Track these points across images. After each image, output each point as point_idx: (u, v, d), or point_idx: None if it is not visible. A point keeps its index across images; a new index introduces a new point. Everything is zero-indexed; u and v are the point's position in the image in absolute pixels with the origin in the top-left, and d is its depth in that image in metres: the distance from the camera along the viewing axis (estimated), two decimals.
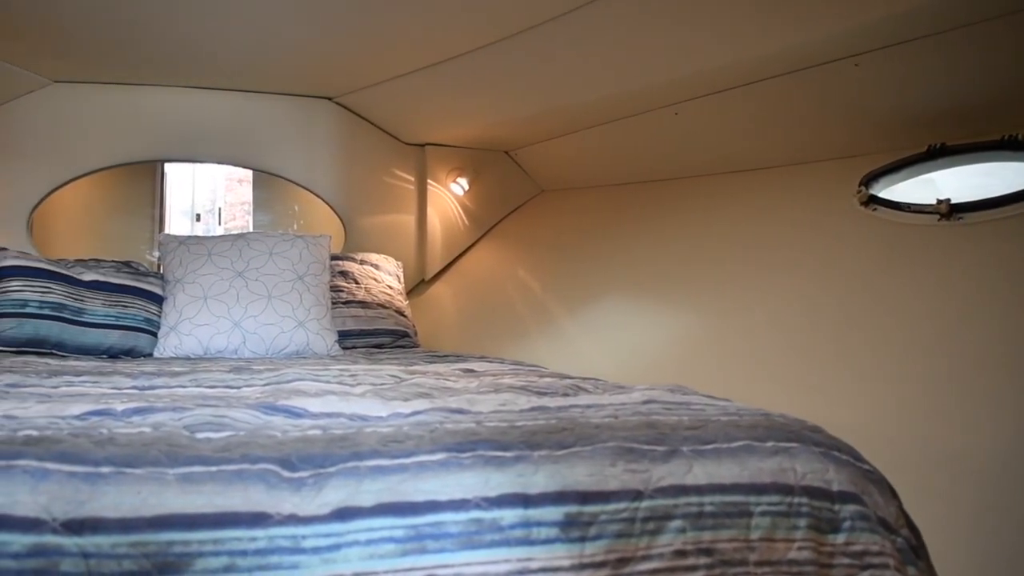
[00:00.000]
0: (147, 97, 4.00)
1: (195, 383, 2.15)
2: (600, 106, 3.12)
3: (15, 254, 3.10)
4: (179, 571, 1.11)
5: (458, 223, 4.27)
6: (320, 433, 1.40)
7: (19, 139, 3.93)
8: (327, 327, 3.12)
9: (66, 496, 1.13)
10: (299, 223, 4.74)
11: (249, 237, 3.30)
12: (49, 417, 1.50)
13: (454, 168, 4.20)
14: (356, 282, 3.71)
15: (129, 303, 3.09)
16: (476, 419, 1.52)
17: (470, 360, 2.79)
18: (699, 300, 2.88)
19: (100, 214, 4.75)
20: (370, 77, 3.63)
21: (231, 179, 7.43)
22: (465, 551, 1.22)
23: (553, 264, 3.72)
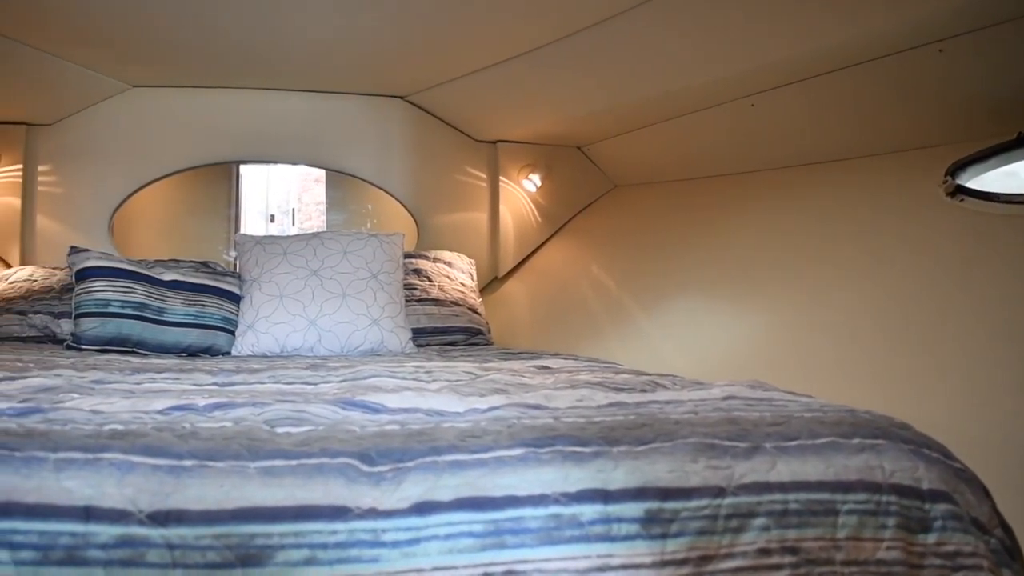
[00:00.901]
0: (223, 100, 4.07)
1: (273, 379, 2.18)
2: (674, 99, 3.08)
3: (98, 255, 3.17)
4: (261, 563, 1.12)
5: (531, 220, 4.26)
6: (398, 428, 1.41)
7: (100, 143, 4.03)
8: (401, 325, 3.13)
9: (151, 488, 1.15)
10: (372, 222, 4.77)
11: (323, 236, 3.33)
12: (133, 412, 1.52)
13: (526, 164, 4.18)
14: (429, 280, 3.73)
15: (207, 302, 3.14)
16: (553, 415, 1.51)
17: (544, 357, 2.78)
18: (778, 295, 2.82)
19: (178, 215, 4.85)
20: (442, 75, 3.64)
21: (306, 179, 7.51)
22: (544, 547, 1.21)
23: (627, 260, 3.68)
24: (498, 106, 3.84)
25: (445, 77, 3.65)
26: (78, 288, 3.09)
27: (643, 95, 3.13)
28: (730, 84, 2.81)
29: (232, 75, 3.86)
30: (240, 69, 3.75)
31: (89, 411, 1.52)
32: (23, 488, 1.14)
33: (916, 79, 2.44)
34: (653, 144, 3.63)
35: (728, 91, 2.87)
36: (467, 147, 4.24)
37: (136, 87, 4.01)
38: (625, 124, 3.60)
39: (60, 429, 1.32)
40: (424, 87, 3.88)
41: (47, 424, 1.36)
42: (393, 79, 3.86)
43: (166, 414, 1.52)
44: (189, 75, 3.87)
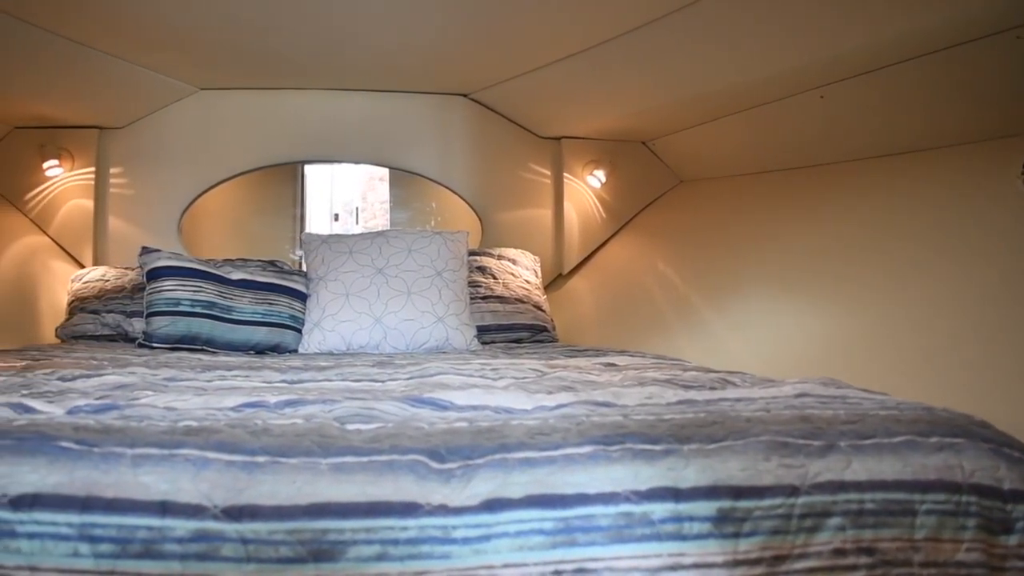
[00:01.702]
0: (288, 100, 4.12)
1: (341, 377, 2.20)
2: (741, 92, 3.03)
3: (168, 255, 3.22)
4: (333, 558, 1.14)
5: (595, 216, 4.23)
6: (467, 425, 1.41)
7: (169, 145, 4.11)
8: (466, 322, 3.14)
9: (225, 484, 1.17)
10: (436, 220, 4.79)
11: (388, 235, 3.35)
12: (206, 409, 1.55)
13: (590, 160, 4.15)
14: (494, 277, 3.73)
15: (275, 301, 3.17)
16: (622, 412, 1.50)
17: (610, 354, 2.77)
18: (848, 290, 2.76)
19: (245, 215, 4.92)
20: (505, 72, 3.63)
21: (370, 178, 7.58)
22: (615, 545, 1.20)
23: (694, 256, 3.64)
24: (562, 102, 3.82)
25: (508, 74, 3.64)
26: (149, 287, 3.14)
27: (709, 88, 3.09)
28: (799, 76, 2.76)
29: (297, 76, 3.90)
30: (305, 70, 3.79)
31: (163, 408, 1.55)
32: (102, 483, 1.17)
33: (994, 67, 2.37)
34: (719, 138, 3.58)
35: (797, 83, 2.82)
36: (531, 143, 4.22)
37: (204, 90, 4.08)
38: (691, 118, 3.56)
39: (136, 426, 1.35)
40: (487, 84, 3.88)
41: (124, 421, 1.39)
42: (456, 77, 3.87)
43: (238, 411, 1.55)
44: (255, 77, 3.92)
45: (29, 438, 1.24)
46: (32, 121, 3.94)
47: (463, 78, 3.87)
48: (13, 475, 1.18)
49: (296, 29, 3.10)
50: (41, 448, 1.22)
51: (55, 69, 3.31)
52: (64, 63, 3.25)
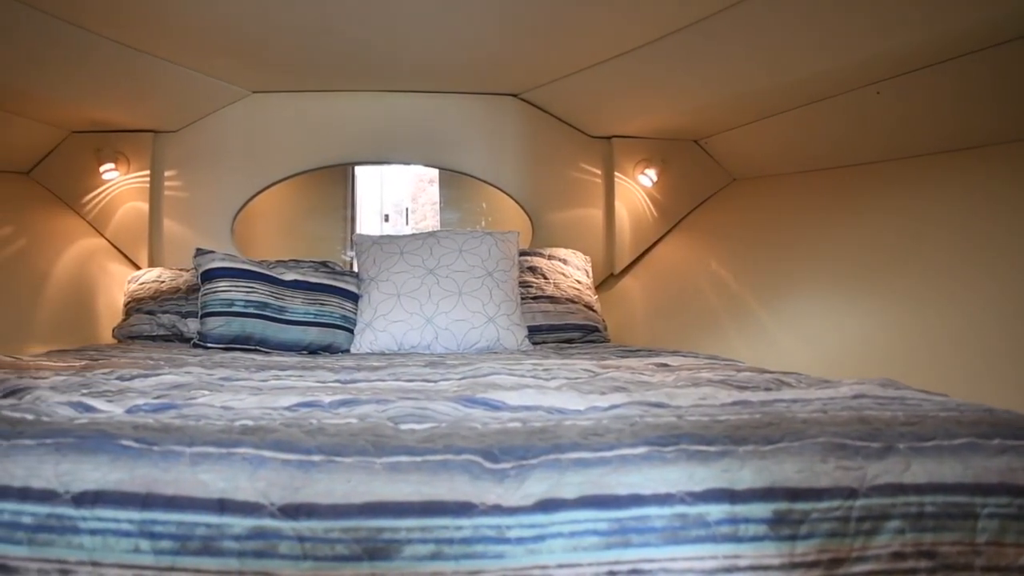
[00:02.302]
0: (339, 103, 4.15)
1: (394, 377, 2.21)
2: (795, 88, 2.99)
3: (222, 256, 3.26)
4: (388, 557, 1.14)
5: (647, 215, 4.20)
6: (520, 426, 1.41)
7: (222, 148, 4.16)
8: (517, 322, 3.14)
9: (282, 482, 1.19)
10: (487, 220, 4.80)
11: (439, 235, 3.36)
12: (262, 408, 1.57)
13: (642, 159, 4.12)
14: (545, 277, 3.73)
15: (327, 301, 3.20)
16: (676, 413, 1.49)
17: (663, 354, 2.75)
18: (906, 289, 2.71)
19: (296, 216, 4.96)
20: (555, 71, 3.63)
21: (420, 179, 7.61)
22: (670, 546, 1.20)
23: (747, 255, 3.60)
24: (613, 101, 3.80)
25: (559, 73, 3.63)
26: (204, 288, 3.19)
27: (762, 86, 3.05)
28: (854, 71, 2.71)
29: (347, 78, 3.93)
30: (355, 72, 3.81)
31: (220, 407, 1.57)
32: (162, 480, 1.19)
33: None
34: (773, 136, 3.53)
35: (852, 79, 2.78)
36: (581, 143, 4.21)
37: (256, 93, 4.12)
38: (743, 116, 3.52)
39: (194, 424, 1.37)
40: (537, 84, 3.87)
41: (182, 420, 1.41)
42: (506, 77, 3.87)
43: (293, 410, 1.56)
44: (306, 80, 3.96)
45: (91, 436, 1.27)
46: (89, 125, 4.02)
47: (513, 78, 3.87)
48: (75, 472, 1.20)
49: (347, 32, 3.12)
50: (102, 446, 1.24)
51: (111, 74, 3.36)
52: (119, 68, 3.31)
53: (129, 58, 3.22)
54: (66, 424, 1.35)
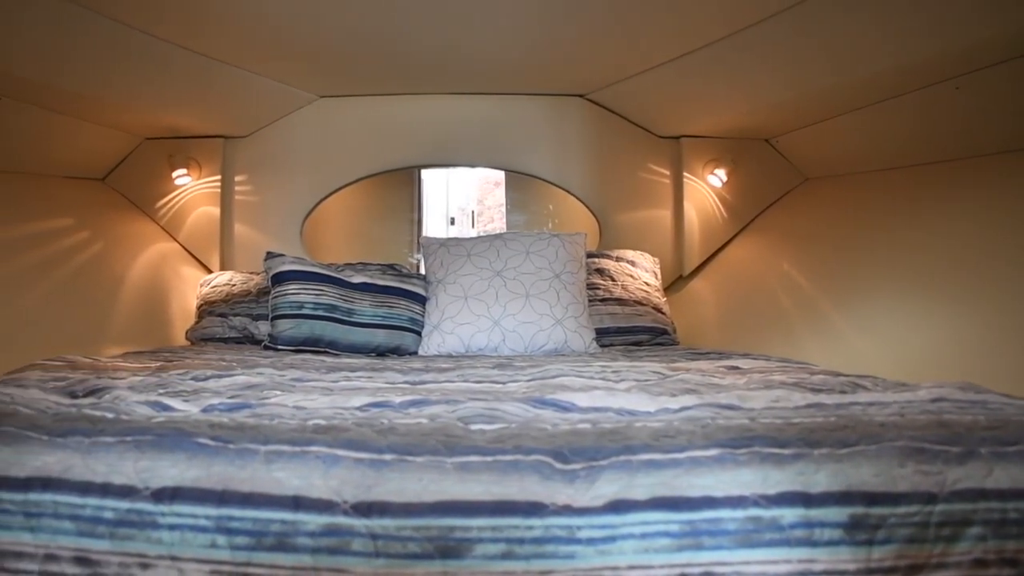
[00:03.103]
0: (405, 106, 4.19)
1: (462, 378, 2.22)
2: (869, 84, 2.92)
3: (292, 259, 3.30)
4: (460, 555, 1.15)
5: (716, 216, 4.15)
6: (590, 427, 1.40)
7: (291, 152, 4.22)
8: (584, 325, 3.12)
9: (354, 480, 1.20)
10: (554, 222, 4.79)
11: (506, 237, 3.36)
12: (334, 408, 1.59)
13: (711, 159, 4.08)
14: (612, 279, 3.71)
15: (394, 304, 3.22)
16: (749, 415, 1.47)
17: (734, 357, 2.72)
18: (985, 291, 2.64)
19: (363, 219, 5.01)
20: (622, 71, 3.61)
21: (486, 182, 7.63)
22: (743, 549, 1.18)
23: (820, 256, 3.53)
24: (681, 100, 3.76)
25: (626, 73, 3.62)
26: (274, 291, 3.23)
27: (834, 82, 2.99)
28: (932, 66, 2.64)
29: (413, 82, 3.96)
30: (421, 76, 3.84)
31: (293, 407, 1.60)
32: (238, 478, 1.21)
33: None
34: (847, 134, 3.45)
35: (930, 74, 2.71)
36: (649, 143, 4.18)
37: (323, 97, 4.18)
38: (817, 113, 3.45)
39: (268, 423, 1.39)
40: (605, 84, 3.86)
41: (256, 419, 1.44)
42: (573, 78, 3.86)
43: (364, 410, 1.58)
44: (373, 84, 4.00)
45: (168, 434, 1.30)
46: (162, 132, 4.11)
47: (580, 79, 3.86)
48: (154, 469, 1.23)
49: (413, 36, 3.15)
50: (180, 444, 1.27)
51: (183, 81, 3.44)
52: (191, 75, 3.38)
53: (201, 65, 3.28)
54: (144, 422, 1.38)
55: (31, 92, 3.05)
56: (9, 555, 1.23)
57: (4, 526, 1.24)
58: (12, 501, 1.24)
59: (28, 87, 2.97)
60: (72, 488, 1.24)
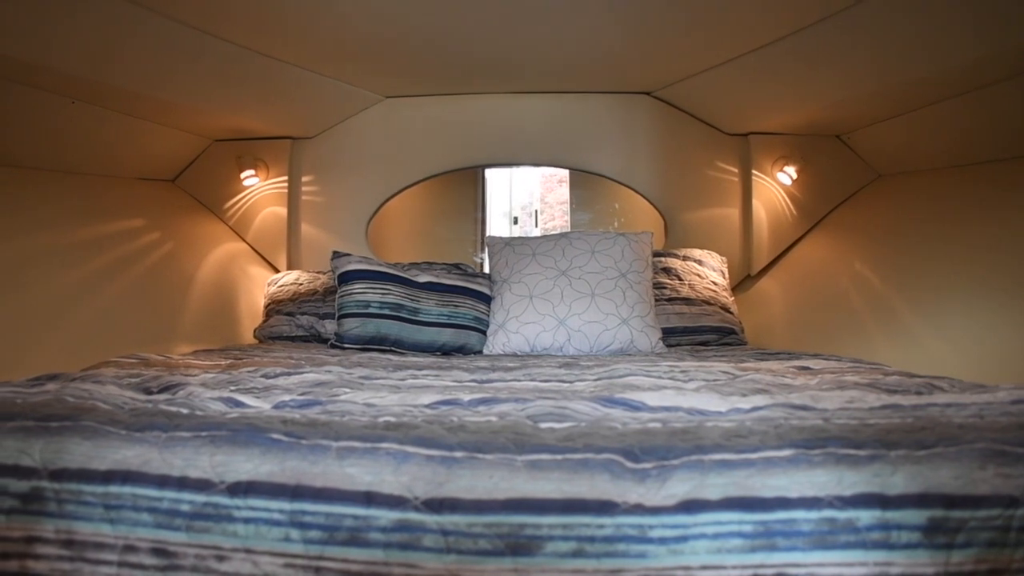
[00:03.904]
0: (469, 105, 4.20)
1: (529, 377, 2.22)
2: (950, 77, 2.81)
3: (358, 259, 3.33)
4: (531, 553, 1.15)
5: (786, 214, 4.09)
6: (660, 426, 1.39)
7: (356, 153, 4.27)
8: (651, 324, 3.10)
9: (425, 477, 1.21)
10: (619, 221, 4.77)
11: (571, 236, 3.35)
12: (403, 406, 1.60)
13: (780, 157, 4.02)
14: (679, 278, 3.68)
15: (460, 303, 3.23)
16: (822, 416, 1.45)
17: (804, 357, 2.67)
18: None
19: (427, 219, 5.04)
20: (690, 68, 3.58)
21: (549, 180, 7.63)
22: (818, 551, 1.17)
23: (894, 255, 3.44)
24: (750, 97, 3.71)
25: (694, 70, 3.58)
26: (340, 290, 3.26)
27: (913, 75, 2.90)
28: (1011, 59, 2.57)
29: (478, 81, 3.97)
30: (486, 75, 3.85)
31: (363, 404, 1.61)
32: (311, 473, 1.23)
33: None
34: (923, 129, 3.35)
35: (1009, 67, 2.63)
36: (717, 141, 4.14)
37: (389, 98, 4.21)
38: (891, 108, 3.36)
39: (339, 420, 1.41)
40: (671, 81, 3.83)
41: (327, 415, 1.46)
42: (639, 75, 3.83)
43: (433, 408, 1.59)
44: (438, 84, 4.02)
45: (242, 430, 1.32)
46: (230, 134, 4.18)
47: (646, 76, 3.84)
48: (229, 463, 1.26)
49: (479, 35, 3.15)
50: (254, 439, 1.29)
51: (251, 84, 3.49)
52: (260, 78, 3.43)
53: (269, 68, 3.33)
54: (219, 418, 1.41)
55: (105, 96, 3.12)
56: (90, 546, 1.26)
57: (85, 517, 1.27)
58: (93, 493, 1.28)
59: (103, 91, 3.04)
60: (150, 481, 1.27)
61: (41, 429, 1.39)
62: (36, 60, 2.63)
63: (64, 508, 1.29)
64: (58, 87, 2.93)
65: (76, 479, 1.30)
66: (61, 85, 2.91)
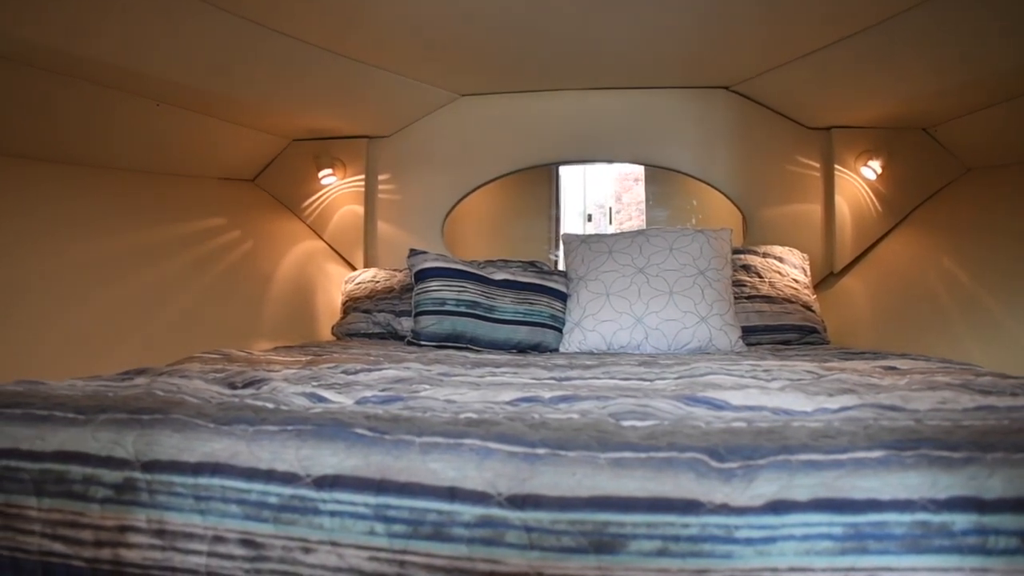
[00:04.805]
0: (543, 103, 4.20)
1: (607, 375, 2.21)
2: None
3: (434, 257, 3.35)
4: (614, 551, 1.14)
5: (870, 210, 3.99)
6: (745, 425, 1.37)
7: (432, 151, 4.30)
8: (730, 323, 3.06)
9: (508, 473, 1.21)
10: (697, 217, 4.71)
11: (648, 233, 3.32)
12: (484, 402, 1.61)
13: (864, 151, 3.92)
14: (759, 276, 3.63)
15: (536, 300, 3.23)
16: (914, 417, 1.41)
17: (890, 357, 2.61)
18: None
19: (501, 217, 5.05)
20: (770, 61, 3.52)
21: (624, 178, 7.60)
22: (910, 555, 1.13)
23: (984, 251, 3.33)
24: (832, 90, 3.62)
25: (774, 63, 3.52)
26: (417, 288, 3.28)
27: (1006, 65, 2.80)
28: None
29: (553, 78, 3.96)
30: (561, 72, 3.84)
31: (444, 400, 1.62)
32: (395, 467, 1.24)
33: None
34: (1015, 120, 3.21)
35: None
36: (798, 135, 4.06)
37: (464, 96, 4.22)
38: (981, 99, 3.24)
39: (422, 416, 1.42)
40: (751, 75, 3.77)
41: (409, 411, 1.47)
42: (717, 70, 3.79)
43: (514, 405, 1.59)
44: (513, 81, 4.02)
45: (327, 424, 1.34)
46: (308, 133, 4.24)
47: (725, 70, 3.79)
48: (315, 457, 1.27)
49: (554, 31, 3.14)
50: (339, 434, 1.31)
51: (329, 84, 3.54)
52: (336, 78, 3.47)
53: (346, 68, 3.37)
54: (303, 413, 1.43)
55: (188, 98, 3.19)
56: (180, 535, 1.29)
57: (176, 508, 1.30)
58: (183, 484, 1.31)
59: (184, 93, 3.11)
60: (239, 474, 1.30)
61: (133, 422, 1.42)
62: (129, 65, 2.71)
63: (156, 498, 1.32)
64: (145, 90, 3.00)
65: (167, 471, 1.33)
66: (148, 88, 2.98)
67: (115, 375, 2.06)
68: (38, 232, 2.84)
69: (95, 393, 1.67)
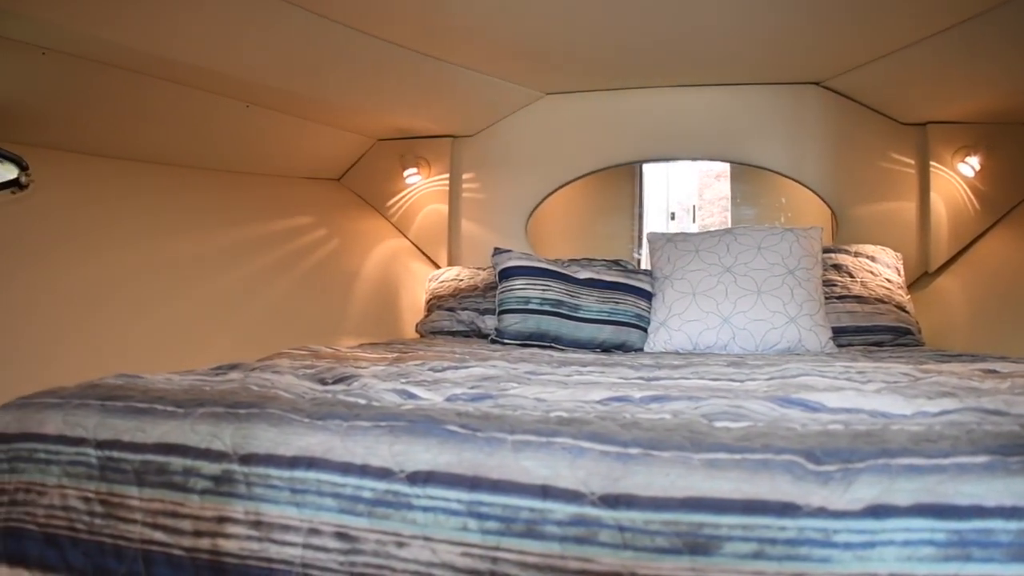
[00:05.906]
0: (628, 101, 4.17)
1: (696, 375, 2.18)
2: None
3: (519, 255, 3.36)
4: (709, 552, 1.13)
5: (967, 208, 3.86)
6: (842, 428, 1.34)
7: (516, 150, 4.31)
8: (820, 323, 3.00)
9: (601, 472, 1.21)
10: (786, 215, 4.63)
11: (736, 232, 3.28)
12: (574, 401, 1.61)
13: (962, 147, 3.79)
14: (851, 275, 3.55)
15: (620, 299, 3.21)
16: (1019, 422, 1.36)
17: (989, 360, 2.52)
18: None
19: (585, 215, 5.03)
20: (862, 55, 3.44)
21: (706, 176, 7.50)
22: (1017, 563, 1.09)
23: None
24: (928, 84, 3.52)
25: (867, 57, 3.44)
26: (501, 286, 3.29)
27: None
28: None
29: (638, 76, 3.94)
30: (646, 69, 3.82)
31: (533, 399, 1.62)
32: (487, 464, 1.24)
33: None
34: None
35: None
36: (891, 131, 3.95)
37: (548, 95, 4.22)
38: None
39: (512, 414, 1.43)
40: (842, 70, 3.69)
41: (499, 409, 1.48)
42: (807, 65, 3.72)
43: (605, 404, 1.59)
44: (597, 79, 4.01)
45: (420, 421, 1.36)
46: (393, 133, 4.29)
47: (814, 66, 3.72)
48: (408, 453, 1.29)
49: (639, 28, 3.13)
50: (431, 430, 1.32)
51: (414, 84, 3.57)
52: (422, 78, 3.51)
53: (431, 68, 3.40)
54: (395, 409, 1.44)
55: (277, 99, 3.25)
56: (277, 527, 1.32)
57: (272, 500, 1.33)
58: (280, 478, 1.33)
59: (274, 94, 3.17)
60: (334, 468, 1.32)
61: (230, 416, 1.46)
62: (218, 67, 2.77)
63: (253, 491, 1.35)
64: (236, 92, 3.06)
65: (264, 463, 1.36)
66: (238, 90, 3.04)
67: (208, 369, 2.11)
68: (137, 230, 2.93)
69: (192, 387, 1.72)
